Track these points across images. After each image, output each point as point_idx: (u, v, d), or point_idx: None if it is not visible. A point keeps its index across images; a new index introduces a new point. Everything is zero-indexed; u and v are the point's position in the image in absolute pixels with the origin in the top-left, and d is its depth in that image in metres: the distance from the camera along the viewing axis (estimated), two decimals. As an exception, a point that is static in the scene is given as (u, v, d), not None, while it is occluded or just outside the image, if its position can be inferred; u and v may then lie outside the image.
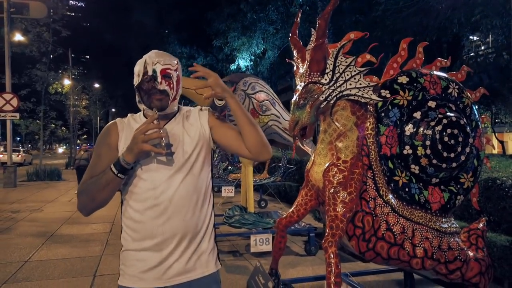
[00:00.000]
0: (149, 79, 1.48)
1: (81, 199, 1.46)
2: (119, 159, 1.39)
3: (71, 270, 4.60)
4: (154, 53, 1.54)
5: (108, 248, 5.57)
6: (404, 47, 2.67)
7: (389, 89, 2.52)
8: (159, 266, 1.42)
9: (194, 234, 1.46)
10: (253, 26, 17.58)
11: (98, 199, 1.43)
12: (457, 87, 2.69)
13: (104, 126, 1.61)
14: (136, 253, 1.44)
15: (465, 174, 2.68)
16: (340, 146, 2.43)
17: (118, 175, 1.38)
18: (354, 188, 2.35)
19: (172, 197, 1.42)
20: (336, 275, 2.16)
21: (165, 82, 1.48)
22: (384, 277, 4.23)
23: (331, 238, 2.24)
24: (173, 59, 1.55)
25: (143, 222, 1.43)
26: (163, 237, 1.42)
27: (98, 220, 7.61)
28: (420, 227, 2.52)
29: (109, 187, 1.40)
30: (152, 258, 1.42)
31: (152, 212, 1.42)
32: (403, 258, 2.48)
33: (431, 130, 2.49)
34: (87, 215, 1.50)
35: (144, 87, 1.50)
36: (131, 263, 1.45)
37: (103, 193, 1.41)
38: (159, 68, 1.48)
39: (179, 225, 1.43)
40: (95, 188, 1.41)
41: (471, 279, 2.64)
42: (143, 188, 1.44)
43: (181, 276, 1.43)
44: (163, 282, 1.42)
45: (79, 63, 29.22)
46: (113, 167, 1.39)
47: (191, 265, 1.45)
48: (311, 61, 2.36)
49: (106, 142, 1.52)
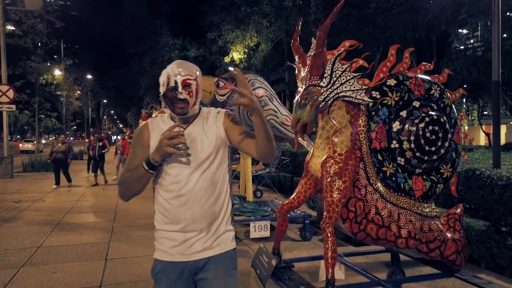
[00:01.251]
0: (171, 89, 1.72)
1: (121, 189, 1.78)
2: (149, 158, 1.67)
3: (83, 254, 4.92)
4: (176, 64, 1.76)
5: (114, 235, 5.89)
6: (392, 53, 3.00)
7: (379, 90, 2.87)
8: (182, 244, 1.71)
9: (212, 219, 1.74)
10: (246, 19, 17.75)
11: (134, 189, 1.74)
12: (438, 88, 3.04)
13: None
14: (165, 232, 1.75)
15: (445, 165, 3.05)
16: (336, 141, 2.78)
17: (149, 171, 1.68)
18: (348, 177, 2.71)
19: (192, 189, 1.70)
20: (332, 251, 2.53)
21: (185, 91, 1.71)
22: (372, 259, 4.63)
23: (328, 220, 2.61)
24: (193, 69, 1.77)
25: (169, 209, 1.73)
26: (186, 222, 1.71)
27: (101, 210, 7.92)
28: (404, 211, 2.89)
29: (141, 180, 1.71)
30: (177, 237, 1.72)
31: (176, 202, 1.71)
32: (389, 238, 2.85)
33: (415, 127, 2.84)
34: (126, 201, 1.83)
35: (168, 96, 1.74)
36: (162, 241, 1.76)
37: (137, 184, 1.73)
38: (180, 80, 1.71)
39: (199, 212, 1.71)
40: (131, 181, 1.73)
41: (449, 257, 3.02)
42: (169, 181, 1.73)
43: (201, 253, 1.72)
44: (186, 257, 1.72)
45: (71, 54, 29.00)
46: (144, 164, 1.68)
47: (209, 244, 1.74)
48: (312, 66, 2.69)
49: (139, 141, 1.81)
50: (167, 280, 1.74)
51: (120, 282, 4.01)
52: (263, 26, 17.55)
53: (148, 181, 1.74)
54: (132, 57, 34.19)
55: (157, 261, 1.78)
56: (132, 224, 6.57)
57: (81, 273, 4.27)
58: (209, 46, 25.71)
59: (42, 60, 17.77)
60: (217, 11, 19.73)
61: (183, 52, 27.64)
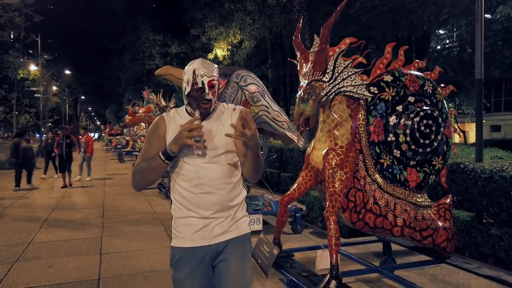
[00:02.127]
0: (197, 89, 1.78)
1: (135, 178, 1.83)
2: (166, 149, 1.73)
3: (76, 249, 4.91)
4: (201, 64, 1.81)
5: (105, 230, 5.87)
6: (388, 50, 3.14)
7: (377, 86, 3.00)
8: (203, 229, 1.79)
9: (230, 206, 1.83)
10: (230, 16, 17.78)
11: (149, 179, 1.81)
12: (431, 84, 3.20)
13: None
14: (185, 219, 1.81)
15: (437, 158, 3.21)
16: (337, 134, 2.91)
17: (165, 161, 1.74)
18: (349, 168, 2.84)
19: (211, 178, 1.79)
20: (336, 238, 2.65)
21: (211, 92, 1.79)
22: (363, 249, 4.79)
23: (331, 209, 2.73)
24: (215, 69, 1.85)
25: (189, 197, 1.79)
26: (205, 208, 1.78)
27: (88, 206, 7.85)
28: (400, 201, 3.04)
29: (157, 170, 1.77)
30: (198, 223, 1.79)
31: (197, 189, 1.79)
32: (386, 227, 2.99)
33: (411, 121, 2.99)
34: (139, 191, 1.92)
35: (193, 95, 1.80)
36: (182, 228, 1.82)
37: (152, 174, 1.80)
38: (207, 80, 1.77)
39: (217, 199, 1.80)
40: (146, 170, 1.79)
41: (440, 244, 3.19)
42: (187, 171, 1.80)
43: (221, 236, 1.81)
44: (208, 241, 1.79)
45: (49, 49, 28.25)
46: (161, 155, 1.73)
47: (228, 227, 1.83)
48: (315, 62, 2.80)
49: (156, 133, 1.86)
50: (188, 266, 1.79)
51: (118, 275, 4.03)
52: (247, 23, 17.63)
53: (162, 172, 1.81)
54: (111, 53, 33.67)
55: (176, 249, 1.83)
56: (122, 220, 6.56)
57: (77, 267, 4.27)
58: (190, 43, 25.57)
59: (20, 54, 17.27)
60: (200, 7, 19.67)
61: (164, 48, 27.42)
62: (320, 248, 3.50)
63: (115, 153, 24.89)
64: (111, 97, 44.35)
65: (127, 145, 22.02)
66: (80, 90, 43.32)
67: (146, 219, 6.62)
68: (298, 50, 3.02)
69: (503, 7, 8.42)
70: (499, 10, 8.42)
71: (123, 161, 20.29)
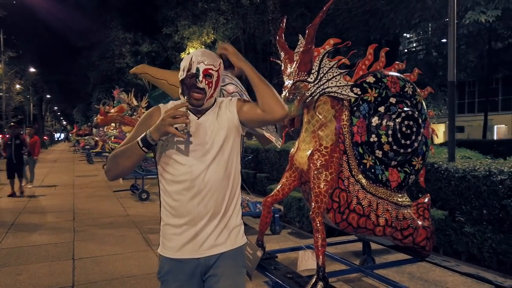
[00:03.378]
0: (191, 75, 1.64)
1: (108, 163, 1.65)
2: (146, 135, 1.55)
3: (46, 255, 4.69)
4: (201, 52, 1.71)
5: (78, 234, 5.66)
6: (370, 52, 3.18)
7: (359, 87, 3.02)
8: (194, 240, 1.63)
9: (224, 212, 1.67)
10: (203, 15, 17.60)
11: (121, 165, 1.60)
12: (411, 86, 3.26)
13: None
14: (175, 228, 1.65)
15: (416, 158, 3.27)
16: (321, 134, 2.90)
17: (143, 148, 1.55)
18: (333, 169, 2.84)
19: (205, 180, 1.63)
20: (322, 239, 2.65)
21: (205, 81, 1.64)
22: (341, 249, 4.83)
23: (317, 210, 2.72)
24: (217, 59, 1.71)
25: (180, 201, 1.64)
26: (198, 215, 1.62)
27: (57, 210, 7.55)
28: (382, 201, 3.07)
29: (132, 157, 1.58)
30: (188, 232, 1.63)
31: (189, 193, 1.62)
32: (369, 227, 3.02)
33: (392, 122, 3.02)
34: (111, 180, 1.71)
35: (186, 82, 1.65)
36: (170, 237, 1.66)
37: (126, 161, 1.59)
38: (202, 68, 1.64)
39: (212, 205, 1.64)
40: (120, 155, 1.60)
41: (420, 243, 3.25)
42: (180, 171, 1.63)
43: (213, 249, 1.65)
44: (198, 254, 1.64)
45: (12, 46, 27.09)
46: (139, 141, 1.56)
47: (222, 240, 1.66)
48: (300, 62, 2.79)
49: (146, 123, 1.68)
50: (176, 281, 1.66)
51: (93, 281, 3.88)
52: (220, 23, 17.50)
53: (137, 161, 1.62)
54: (79, 50, 32.62)
55: (164, 260, 1.69)
56: (94, 223, 6.34)
57: (49, 273, 4.08)
58: (162, 42, 25.15)
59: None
60: (173, 6, 19.35)
61: (135, 47, 26.84)
62: (302, 249, 3.51)
63: (83, 154, 24.18)
64: (79, 96, 43.04)
65: (96, 145, 21.41)
66: (45, 89, 41.80)
67: (120, 222, 6.43)
68: (282, 50, 2.99)
69: (472, 12, 8.77)
70: (468, 15, 8.77)
71: (92, 162, 19.73)
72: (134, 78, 23.98)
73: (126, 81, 26.84)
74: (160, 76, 5.43)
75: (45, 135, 45.34)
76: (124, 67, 27.54)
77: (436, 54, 17.68)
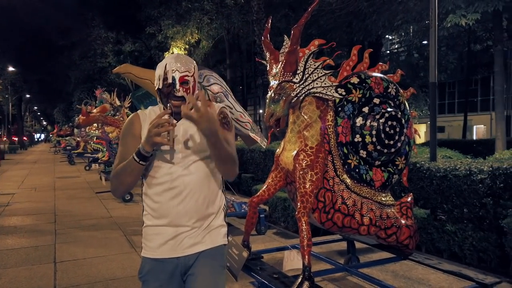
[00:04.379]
0: (168, 85, 1.65)
1: (113, 183, 1.69)
2: (139, 149, 1.58)
3: (27, 259, 4.58)
4: (174, 59, 1.68)
5: (59, 237, 5.54)
6: (355, 53, 3.21)
7: (344, 88, 3.05)
8: (173, 239, 1.65)
9: (205, 214, 1.70)
10: (187, 15, 17.50)
11: (125, 182, 1.65)
12: (394, 87, 3.31)
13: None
14: (155, 228, 1.68)
15: (400, 158, 3.32)
16: (307, 135, 2.92)
17: (140, 163, 1.59)
18: (319, 169, 2.86)
19: (186, 181, 1.65)
20: (308, 239, 2.66)
21: (182, 88, 1.64)
22: (326, 248, 4.87)
23: (303, 210, 2.73)
24: (190, 63, 1.71)
25: (160, 202, 1.66)
26: (177, 215, 1.64)
27: (37, 212, 7.39)
28: (366, 200, 3.11)
29: (133, 172, 1.62)
30: (168, 232, 1.65)
31: (169, 194, 1.65)
32: (354, 226, 3.05)
33: (376, 122, 3.06)
34: (120, 197, 1.78)
35: (163, 91, 1.67)
36: (151, 237, 1.69)
37: (129, 177, 1.63)
38: (178, 76, 1.64)
39: (192, 207, 1.66)
40: (122, 174, 1.64)
41: (403, 241, 3.30)
42: (161, 173, 1.67)
43: (192, 247, 1.67)
44: (177, 253, 1.66)
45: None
46: (135, 156, 1.58)
47: (200, 239, 1.68)
48: (285, 63, 2.79)
49: (130, 132, 1.73)
50: (156, 281, 1.67)
51: (76, 284, 3.81)
52: (204, 23, 17.43)
53: (139, 174, 1.66)
54: (60, 49, 31.99)
55: (145, 261, 1.71)
56: (76, 226, 6.23)
57: (29, 277, 3.99)
58: (145, 41, 24.89)
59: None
60: (156, 5, 19.18)
61: (117, 46, 26.50)
62: (288, 249, 3.52)
63: (64, 155, 23.74)
64: (60, 96, 42.24)
65: (77, 146, 21.05)
66: (24, 88, 40.83)
67: (103, 224, 6.33)
68: (268, 50, 2.99)
69: (452, 16, 8.98)
70: (449, 18, 8.97)
71: (74, 163, 19.38)
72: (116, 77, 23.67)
73: (109, 80, 26.47)
74: (143, 76, 5.40)
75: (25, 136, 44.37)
76: (107, 67, 27.17)
77: (418, 55, 18.03)
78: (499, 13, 10.56)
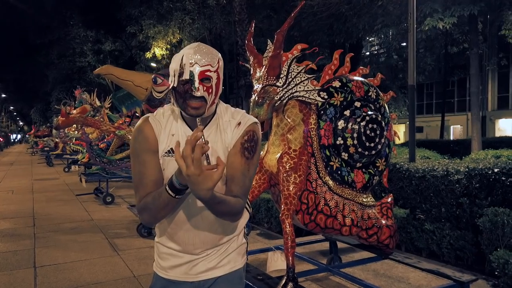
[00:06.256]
0: (185, 82, 1.33)
1: (144, 216, 1.41)
2: (173, 182, 1.26)
3: (5, 264, 4.49)
4: (193, 49, 1.35)
5: (38, 241, 5.44)
6: (336, 57, 3.28)
7: (326, 91, 3.11)
8: (187, 264, 1.49)
9: (222, 242, 1.51)
10: (169, 14, 17.38)
11: (160, 216, 1.39)
12: (375, 90, 3.39)
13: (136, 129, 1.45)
14: (169, 250, 1.51)
15: (380, 160, 3.40)
16: (290, 137, 2.97)
17: (176, 197, 1.29)
18: (302, 171, 2.91)
19: (202, 210, 1.42)
20: (292, 240, 2.70)
21: (203, 87, 1.33)
22: (309, 249, 4.93)
23: (286, 212, 2.78)
24: (214, 56, 1.38)
25: (174, 228, 1.47)
26: (193, 246, 1.47)
27: (15, 215, 7.22)
28: (348, 201, 3.18)
29: (168, 207, 1.34)
30: (182, 257, 1.49)
31: (184, 224, 1.45)
32: (336, 227, 3.11)
33: (357, 125, 3.13)
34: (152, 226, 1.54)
35: (179, 90, 1.34)
36: (164, 257, 1.53)
37: (163, 212, 1.36)
38: (197, 71, 1.32)
39: (208, 236, 1.47)
40: (155, 208, 1.35)
41: (384, 241, 3.38)
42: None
43: (208, 272, 1.50)
44: (191, 277, 1.49)
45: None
46: (169, 190, 1.27)
47: (216, 263, 1.50)
48: (269, 67, 2.83)
49: (147, 148, 1.42)
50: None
51: (57, 289, 3.76)
52: (186, 23, 17.35)
53: (176, 206, 1.39)
54: (37, 48, 31.26)
55: (157, 278, 1.57)
56: (56, 229, 6.12)
57: (8, 283, 3.91)
58: (126, 41, 24.60)
59: None
60: (137, 4, 18.98)
61: (97, 45, 26.10)
62: (272, 250, 3.55)
63: (42, 156, 23.21)
64: (37, 95, 41.32)
65: (56, 147, 20.62)
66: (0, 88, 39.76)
67: (84, 227, 6.24)
68: (251, 54, 3.03)
69: (430, 19, 9.23)
70: (427, 22, 9.23)
71: (52, 164, 18.96)
72: (96, 77, 23.32)
73: (88, 80, 26.03)
74: (125, 77, 5.36)
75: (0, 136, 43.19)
76: (86, 66, 26.72)
77: (397, 57, 18.42)
78: (475, 17, 10.92)
